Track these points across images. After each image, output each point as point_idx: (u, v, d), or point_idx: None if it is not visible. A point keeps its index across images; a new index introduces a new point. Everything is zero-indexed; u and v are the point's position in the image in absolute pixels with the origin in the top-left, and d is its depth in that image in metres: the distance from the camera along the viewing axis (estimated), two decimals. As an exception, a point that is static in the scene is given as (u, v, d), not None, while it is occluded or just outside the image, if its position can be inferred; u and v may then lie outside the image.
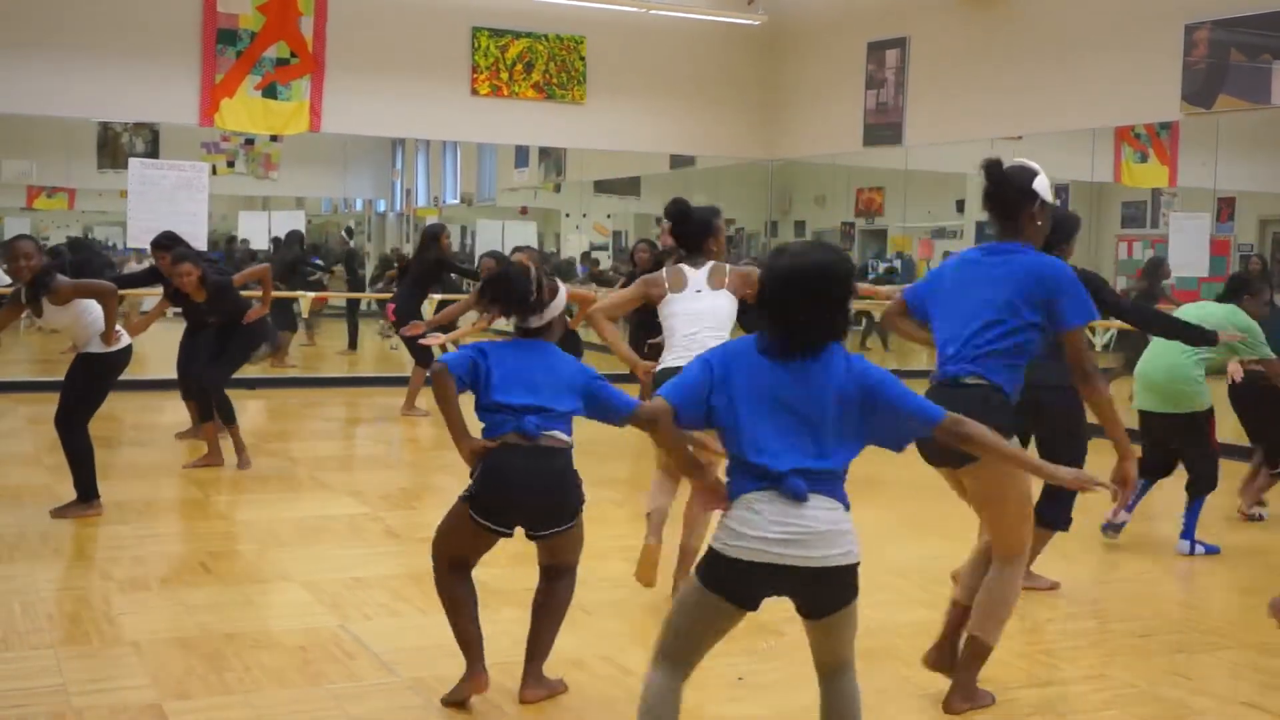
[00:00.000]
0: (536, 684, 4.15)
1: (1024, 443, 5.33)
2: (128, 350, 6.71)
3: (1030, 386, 4.06)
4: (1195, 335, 6.17)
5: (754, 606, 3.08)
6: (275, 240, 15.66)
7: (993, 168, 4.00)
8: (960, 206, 14.65)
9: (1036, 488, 4.26)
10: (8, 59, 11.65)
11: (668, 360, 5.35)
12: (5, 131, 13.34)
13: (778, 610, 5.23)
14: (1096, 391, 3.92)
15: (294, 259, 14.37)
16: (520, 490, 3.95)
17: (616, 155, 14.94)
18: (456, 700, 4.04)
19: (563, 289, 4.18)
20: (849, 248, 15.65)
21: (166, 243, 8.25)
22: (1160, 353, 6.50)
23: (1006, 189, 3.99)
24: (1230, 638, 5.10)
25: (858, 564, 3.04)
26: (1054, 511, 5.40)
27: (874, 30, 13.39)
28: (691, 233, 5.55)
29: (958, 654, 4.17)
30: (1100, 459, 4.29)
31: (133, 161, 12.24)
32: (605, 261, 17.24)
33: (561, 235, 18.07)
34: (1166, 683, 4.56)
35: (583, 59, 13.80)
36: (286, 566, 5.77)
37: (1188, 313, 6.69)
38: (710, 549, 3.04)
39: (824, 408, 3.01)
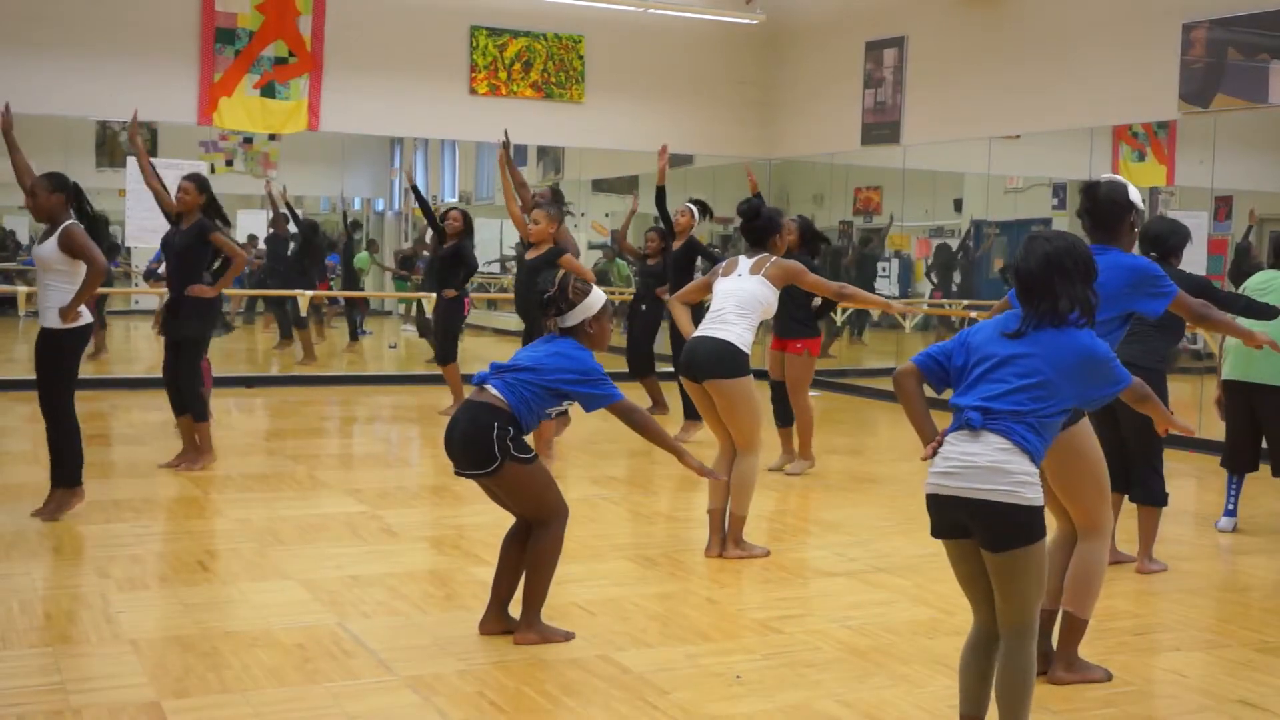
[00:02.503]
0: (528, 629, 4.64)
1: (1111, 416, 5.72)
2: (87, 329, 6.67)
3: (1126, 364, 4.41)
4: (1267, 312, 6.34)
5: (962, 535, 3.44)
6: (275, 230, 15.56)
7: (1092, 189, 4.44)
8: (958, 205, 14.65)
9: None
10: (6, 58, 11.64)
11: (696, 331, 6.13)
12: (3, 130, 13.31)
13: (777, 609, 5.26)
14: (1217, 322, 4.75)
15: (317, 245, 14.26)
16: (447, 434, 4.61)
17: (614, 154, 14.93)
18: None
19: (596, 294, 4.68)
20: (846, 247, 15.65)
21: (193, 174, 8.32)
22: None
23: (1108, 206, 4.42)
24: (1229, 636, 5.10)
25: (1020, 505, 3.32)
26: (1152, 491, 5.96)
27: (872, 29, 13.39)
28: (759, 228, 6.30)
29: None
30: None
31: (131, 160, 12.23)
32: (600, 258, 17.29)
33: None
34: (1164, 681, 4.57)
35: (581, 58, 13.80)
36: (285, 565, 5.77)
37: (1251, 284, 6.80)
38: None
39: (1047, 369, 3.39)
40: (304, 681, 4.22)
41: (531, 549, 4.65)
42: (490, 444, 4.46)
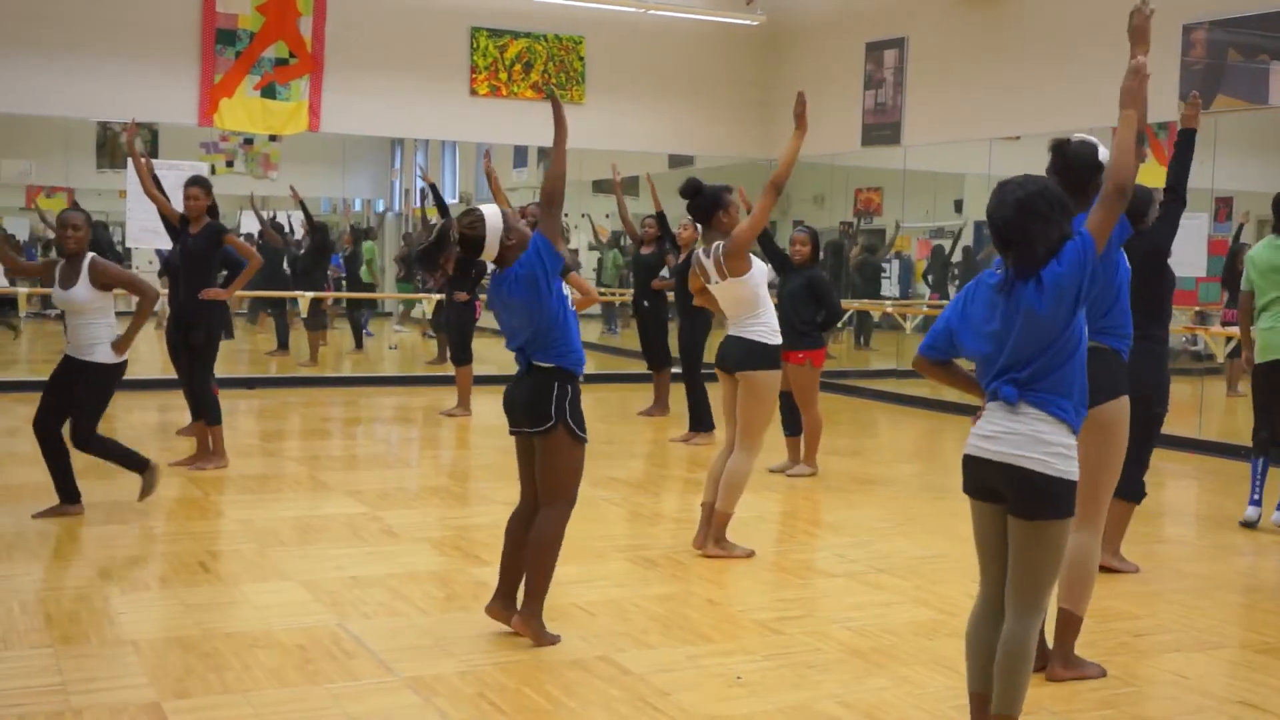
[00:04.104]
0: (530, 619, 4.63)
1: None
2: (125, 362, 6.71)
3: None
4: None
5: (991, 498, 3.51)
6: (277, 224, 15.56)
7: (1061, 147, 4.37)
8: (958, 206, 14.66)
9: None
10: (7, 58, 11.66)
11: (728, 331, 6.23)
12: (4, 131, 13.32)
13: (778, 610, 5.26)
14: (1117, 167, 3.75)
15: (321, 246, 14.29)
16: (507, 396, 4.71)
17: (615, 155, 14.94)
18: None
19: (489, 211, 4.55)
20: (847, 248, 15.66)
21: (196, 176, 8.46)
22: None
23: (1078, 166, 4.32)
24: (1228, 637, 5.10)
25: (1053, 476, 3.40)
26: (1128, 483, 5.64)
27: (872, 30, 13.40)
28: (702, 206, 6.16)
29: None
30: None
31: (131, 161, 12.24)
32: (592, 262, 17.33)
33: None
34: (1164, 681, 4.57)
35: (581, 59, 13.82)
36: (285, 566, 5.77)
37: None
38: None
39: (1042, 325, 3.41)
40: (305, 682, 4.22)
41: (535, 532, 4.66)
42: (549, 403, 4.57)
